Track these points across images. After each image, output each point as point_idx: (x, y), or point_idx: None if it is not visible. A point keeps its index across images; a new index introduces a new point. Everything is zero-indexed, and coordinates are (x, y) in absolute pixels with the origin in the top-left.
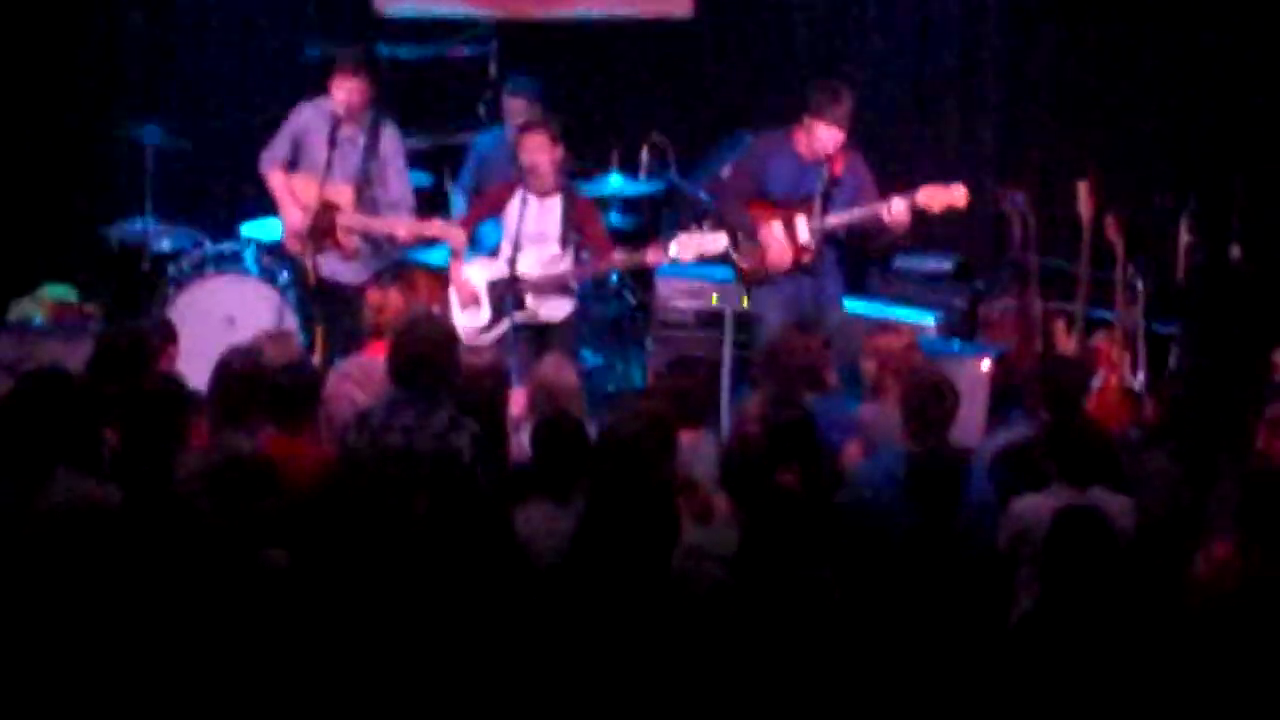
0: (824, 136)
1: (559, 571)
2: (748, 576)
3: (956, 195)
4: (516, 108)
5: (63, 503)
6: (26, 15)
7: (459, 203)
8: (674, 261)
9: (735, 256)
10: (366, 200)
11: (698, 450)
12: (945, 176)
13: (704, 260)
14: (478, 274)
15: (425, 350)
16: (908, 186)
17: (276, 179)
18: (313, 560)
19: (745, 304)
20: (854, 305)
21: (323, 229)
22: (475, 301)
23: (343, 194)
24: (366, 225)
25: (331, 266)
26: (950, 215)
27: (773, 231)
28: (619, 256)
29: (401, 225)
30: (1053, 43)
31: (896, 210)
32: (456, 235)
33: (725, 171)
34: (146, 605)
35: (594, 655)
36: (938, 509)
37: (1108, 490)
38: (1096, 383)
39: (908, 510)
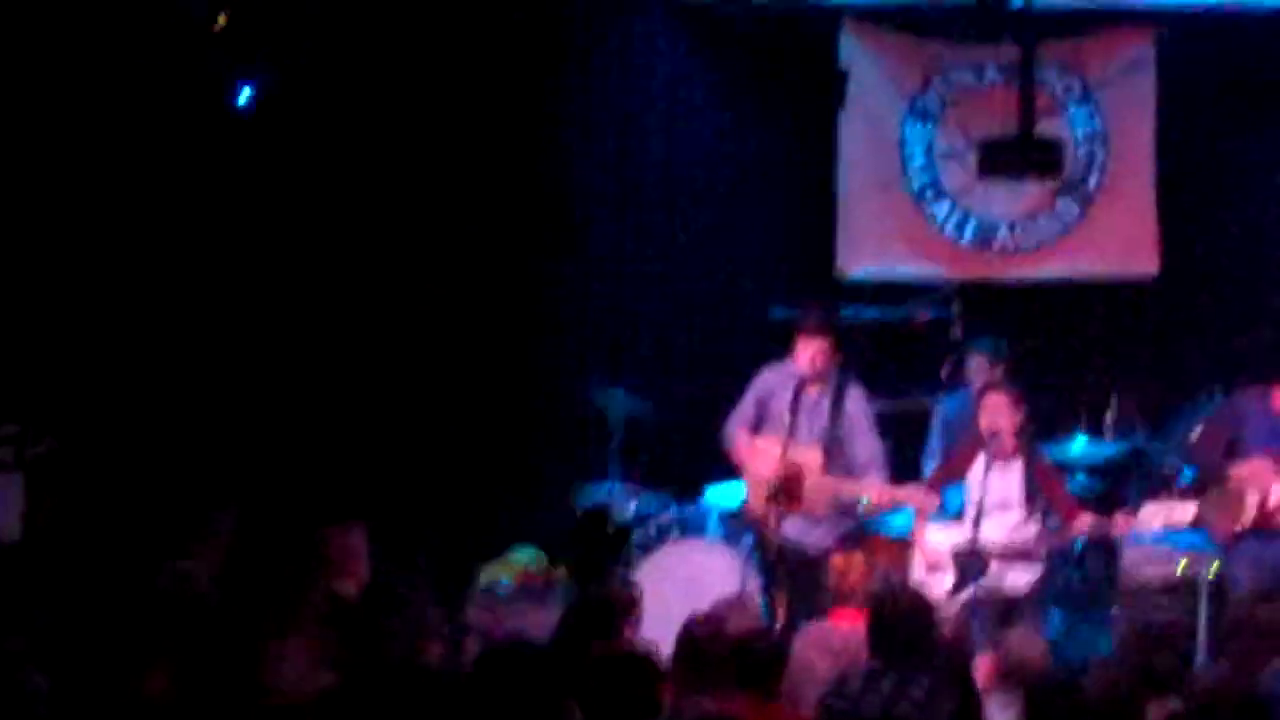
0: None
1: None
2: None
3: None
4: (977, 366)
5: None
6: (495, 279)
7: (929, 470)
8: (1142, 529)
9: (1206, 516)
10: (835, 463)
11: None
12: None
13: (1172, 527)
14: (941, 539)
15: (904, 620)
16: None
17: (741, 442)
18: None
19: (1216, 569)
20: None
21: (789, 492)
22: (939, 567)
23: (811, 456)
24: (836, 488)
25: (796, 530)
26: None
27: (1250, 488)
28: (1085, 522)
29: (873, 488)
30: None
31: None
32: (925, 499)
33: (1196, 432)
34: None
35: None
36: None
37: None
38: None
39: None
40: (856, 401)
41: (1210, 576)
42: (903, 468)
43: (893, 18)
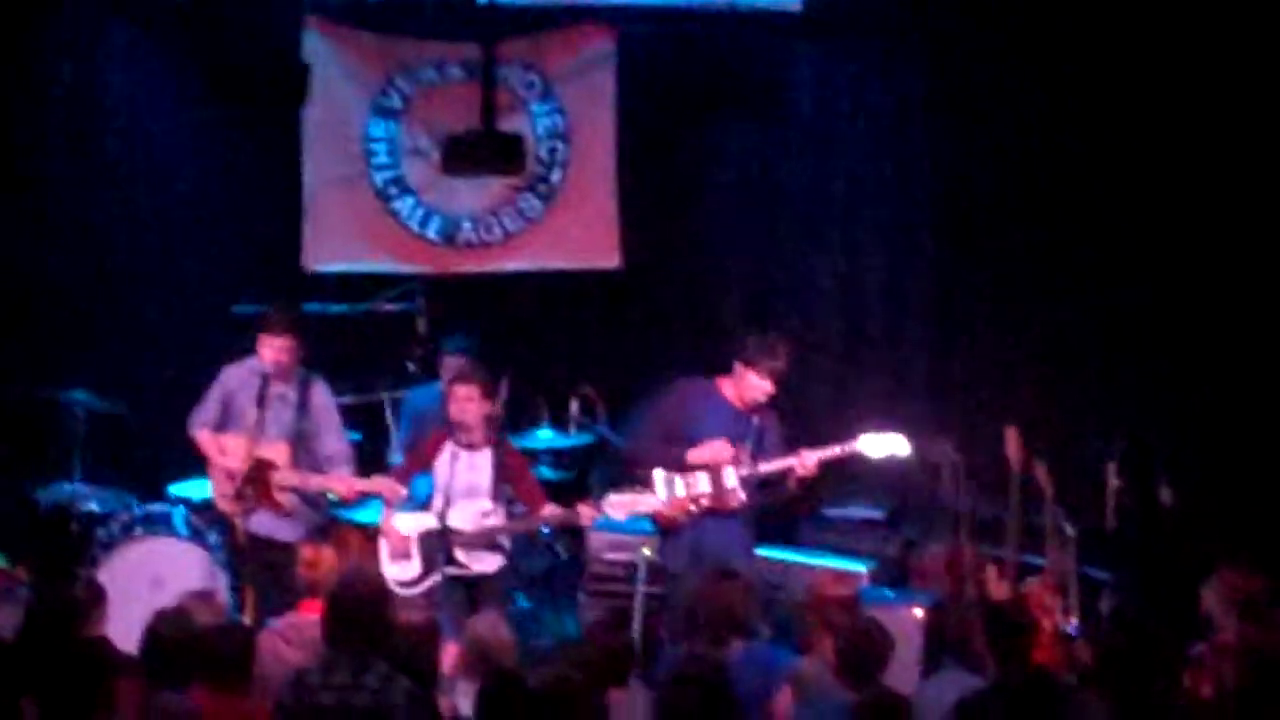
0: (755, 385)
1: None
2: None
3: (897, 443)
4: (446, 359)
5: None
6: None
7: (397, 461)
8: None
9: (659, 505)
10: (302, 457)
11: (630, 707)
12: (874, 424)
13: (637, 516)
14: (408, 526)
15: (358, 608)
16: (838, 436)
17: (205, 439)
18: None
19: (649, 553)
20: (787, 555)
21: (256, 487)
22: (405, 554)
23: (278, 452)
24: (304, 482)
25: (264, 524)
26: (882, 464)
27: (697, 478)
28: (552, 513)
29: (339, 481)
30: (980, 291)
31: (809, 462)
32: (393, 489)
33: (640, 426)
34: None
35: None
36: None
37: None
38: None
39: None
40: (321, 396)
41: (645, 560)
42: (370, 460)
43: (355, 14)
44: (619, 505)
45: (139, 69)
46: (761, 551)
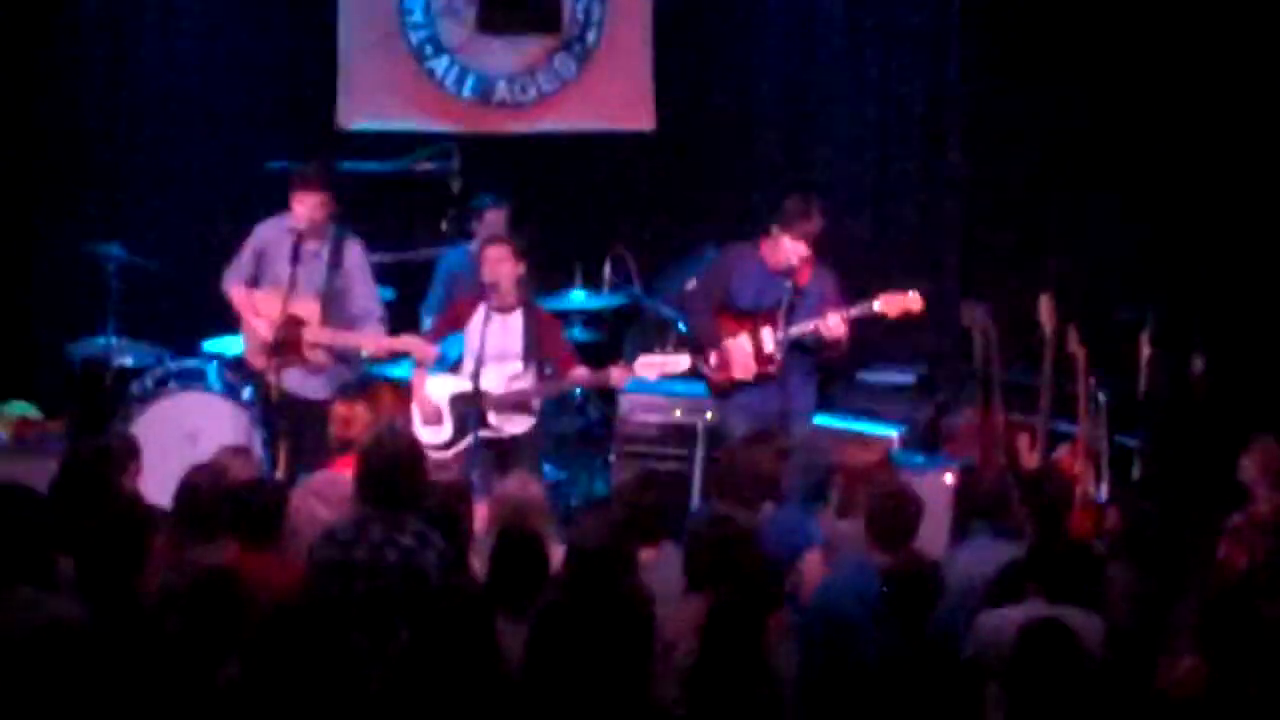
0: (790, 249)
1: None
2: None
3: (912, 300)
4: (479, 219)
5: (26, 620)
6: None
7: (428, 322)
8: (639, 379)
9: (703, 369)
10: (333, 314)
11: (659, 564)
12: (906, 287)
13: (667, 378)
14: (440, 389)
15: (392, 466)
16: (867, 297)
17: (239, 295)
18: (280, 677)
19: (712, 417)
20: (819, 419)
21: (288, 344)
22: (438, 417)
23: (309, 309)
24: (333, 339)
25: (296, 381)
26: (912, 326)
27: (738, 343)
28: (582, 375)
29: (369, 339)
30: (1015, 156)
31: (833, 324)
32: (424, 349)
33: (690, 284)
34: None
35: None
36: (913, 620)
37: (1078, 608)
38: None
39: (882, 622)
40: (354, 253)
41: (706, 425)
42: (404, 319)
43: None
44: (650, 366)
45: None
46: None
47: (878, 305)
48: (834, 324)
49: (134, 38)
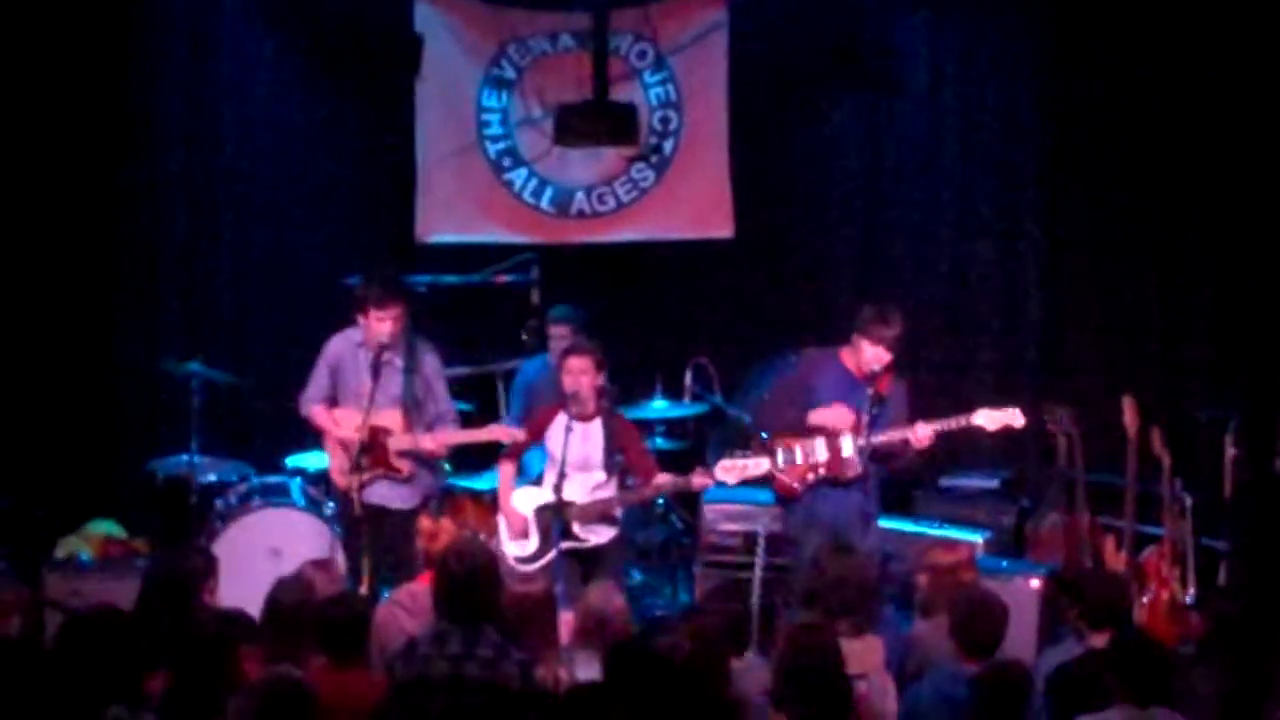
0: (870, 356)
1: None
2: None
3: (1013, 416)
4: (560, 334)
5: None
6: (68, 251)
7: None
8: (719, 485)
9: (775, 473)
10: (414, 421)
11: (748, 673)
12: (988, 396)
13: (749, 483)
14: (525, 502)
15: (466, 579)
16: (952, 407)
17: (320, 416)
18: None
19: (774, 523)
20: (902, 525)
21: (374, 456)
22: (524, 530)
23: (392, 418)
24: (419, 443)
25: (380, 493)
26: (998, 434)
27: (816, 446)
28: (664, 481)
29: (457, 435)
30: (1094, 261)
31: (922, 434)
32: (514, 433)
33: (769, 392)
34: None
35: None
36: None
37: (1168, 710)
38: (1146, 598)
39: None
40: (430, 361)
41: (772, 531)
42: None
43: None
44: (731, 470)
45: (253, 43)
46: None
47: (978, 419)
48: (923, 434)
49: (212, 154)
